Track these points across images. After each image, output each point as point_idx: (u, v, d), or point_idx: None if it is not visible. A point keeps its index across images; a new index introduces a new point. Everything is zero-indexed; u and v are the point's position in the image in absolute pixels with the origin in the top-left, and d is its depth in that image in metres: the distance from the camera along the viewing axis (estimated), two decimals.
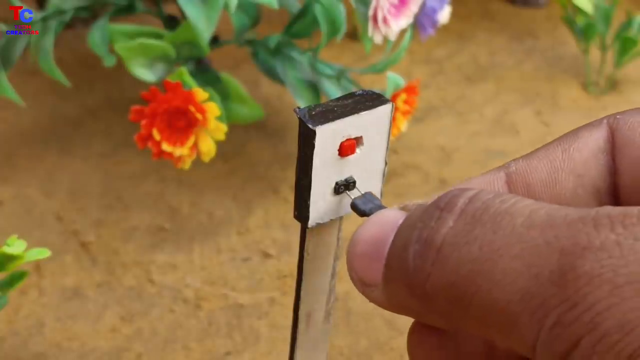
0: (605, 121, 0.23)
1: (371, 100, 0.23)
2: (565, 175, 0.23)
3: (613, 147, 0.23)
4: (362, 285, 0.21)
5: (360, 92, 0.23)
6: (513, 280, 0.17)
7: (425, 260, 0.19)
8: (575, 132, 0.23)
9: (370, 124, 0.23)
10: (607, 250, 0.16)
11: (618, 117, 0.23)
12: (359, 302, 0.41)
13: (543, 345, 0.17)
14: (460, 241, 0.18)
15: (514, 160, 0.23)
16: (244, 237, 0.45)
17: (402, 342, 0.39)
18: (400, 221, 0.20)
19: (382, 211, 0.21)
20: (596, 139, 0.23)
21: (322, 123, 0.22)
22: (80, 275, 0.43)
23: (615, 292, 0.16)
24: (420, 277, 0.19)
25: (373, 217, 0.21)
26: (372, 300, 0.21)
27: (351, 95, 0.23)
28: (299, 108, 0.22)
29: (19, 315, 0.40)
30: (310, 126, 0.22)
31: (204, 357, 0.38)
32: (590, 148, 0.23)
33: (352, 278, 0.21)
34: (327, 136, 0.22)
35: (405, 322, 0.41)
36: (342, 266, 0.22)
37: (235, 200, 0.48)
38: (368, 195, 0.23)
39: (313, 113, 0.22)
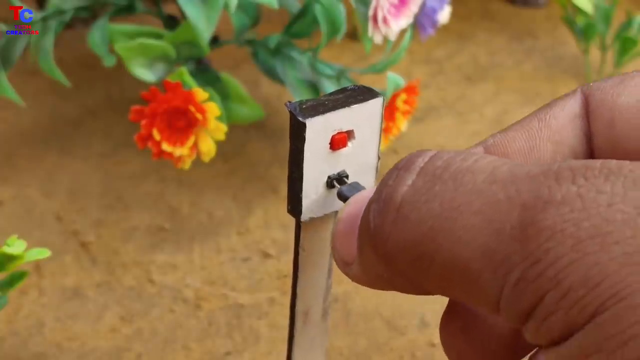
0: (579, 89, 0.23)
1: (362, 94, 0.23)
2: (543, 142, 0.23)
3: (587, 111, 0.23)
4: (343, 264, 0.21)
5: (352, 86, 0.24)
6: (474, 236, 0.17)
7: (385, 219, 0.19)
8: (550, 103, 0.23)
9: (362, 118, 0.23)
10: (569, 203, 0.16)
11: (591, 84, 0.23)
12: (359, 302, 0.41)
13: (507, 302, 0.17)
14: (420, 199, 0.18)
15: (491, 135, 0.23)
16: (244, 237, 0.45)
17: (401, 342, 0.39)
18: None
19: (360, 192, 0.22)
20: (571, 105, 0.23)
21: (312, 116, 0.22)
22: (80, 275, 0.43)
23: (578, 247, 0.16)
24: (381, 236, 0.19)
25: (351, 197, 0.21)
26: (352, 278, 0.21)
27: (343, 90, 0.24)
28: (290, 102, 0.22)
29: (19, 315, 0.40)
30: (300, 119, 0.22)
31: (204, 357, 0.38)
32: (566, 114, 0.23)
33: (335, 260, 0.21)
34: (318, 129, 0.22)
35: (405, 323, 0.41)
36: None
37: (235, 200, 0.48)
38: (354, 184, 0.23)
39: (304, 107, 0.22)
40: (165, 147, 0.41)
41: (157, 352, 0.38)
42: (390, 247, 0.18)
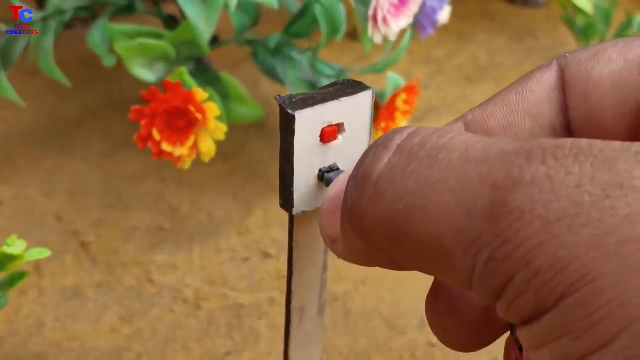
0: (555, 61, 0.23)
1: (352, 87, 0.24)
2: (521, 117, 0.23)
3: (563, 84, 0.23)
4: (330, 241, 0.21)
5: (342, 81, 0.24)
6: (447, 214, 0.17)
7: (362, 195, 0.19)
8: (527, 75, 0.23)
9: (351, 111, 0.23)
10: (538, 184, 0.16)
11: (567, 55, 0.23)
12: (358, 302, 0.41)
13: (478, 281, 0.17)
14: (396, 176, 0.18)
15: (471, 110, 0.23)
16: (244, 237, 0.45)
17: (401, 342, 0.39)
18: None
19: (346, 171, 0.22)
20: (547, 78, 0.23)
21: (301, 108, 0.22)
22: (80, 275, 0.43)
23: (546, 228, 0.16)
24: (358, 212, 0.19)
25: (337, 178, 0.22)
26: (338, 254, 0.21)
27: (333, 84, 0.24)
28: (279, 96, 0.23)
29: (19, 315, 0.40)
30: (289, 111, 0.22)
31: (204, 357, 0.38)
32: (542, 88, 0.23)
33: (323, 238, 0.22)
34: (307, 121, 0.22)
35: (405, 322, 0.41)
36: (341, 264, 0.22)
37: (235, 200, 0.48)
38: (340, 171, 0.24)
39: (294, 100, 0.22)
40: (165, 147, 0.41)
41: (157, 352, 0.38)
42: (367, 223, 0.19)
